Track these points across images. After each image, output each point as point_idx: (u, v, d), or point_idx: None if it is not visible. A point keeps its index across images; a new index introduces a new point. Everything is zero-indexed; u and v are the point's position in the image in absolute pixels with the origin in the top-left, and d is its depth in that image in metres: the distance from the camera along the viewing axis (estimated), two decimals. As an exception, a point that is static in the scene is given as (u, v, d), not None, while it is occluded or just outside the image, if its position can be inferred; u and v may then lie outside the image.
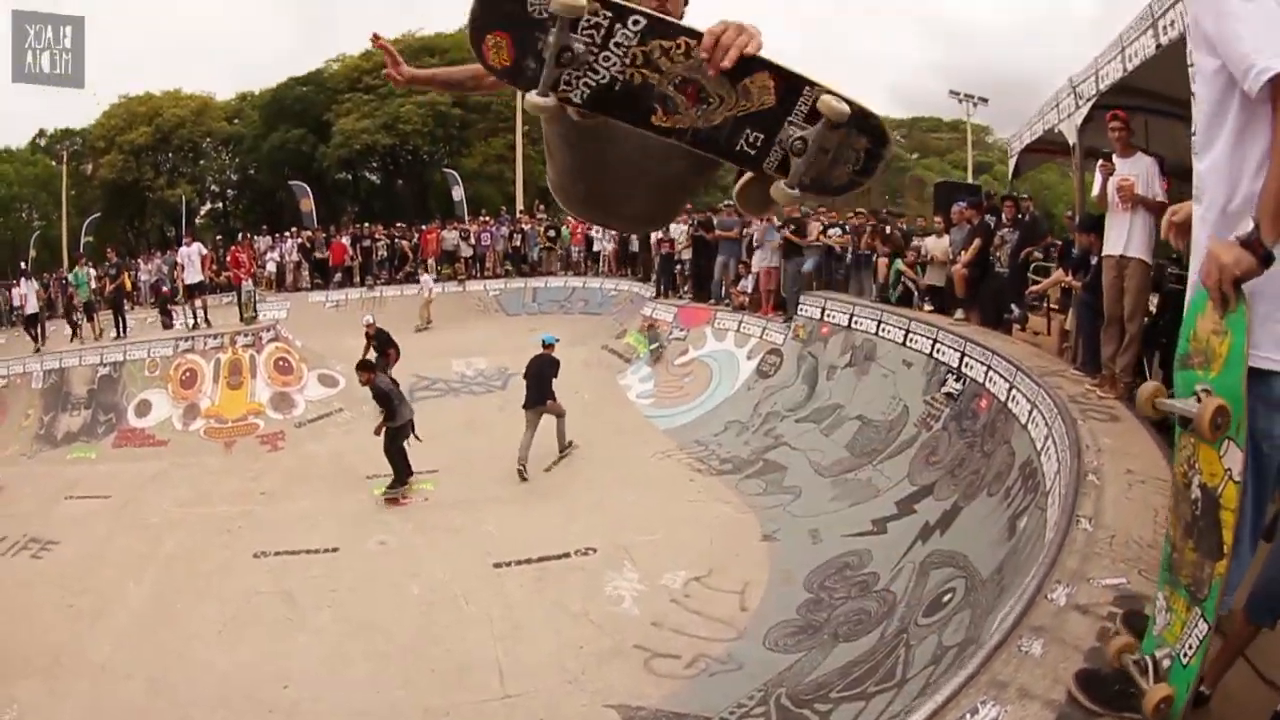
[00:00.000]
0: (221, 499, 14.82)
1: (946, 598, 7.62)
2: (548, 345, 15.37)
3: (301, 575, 11.66)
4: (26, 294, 24.70)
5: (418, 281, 27.01)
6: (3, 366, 22.00)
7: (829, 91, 2.39)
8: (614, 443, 15.79)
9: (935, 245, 14.62)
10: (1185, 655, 2.96)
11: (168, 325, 23.10)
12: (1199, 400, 2.61)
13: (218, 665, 9.59)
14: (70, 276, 26.60)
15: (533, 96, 2.38)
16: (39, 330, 24.31)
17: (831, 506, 11.37)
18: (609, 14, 2.35)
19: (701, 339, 18.86)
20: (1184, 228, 3.18)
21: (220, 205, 61.16)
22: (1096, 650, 4.29)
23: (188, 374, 19.39)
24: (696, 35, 2.37)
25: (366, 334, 18.09)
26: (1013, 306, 12.75)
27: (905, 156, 63.76)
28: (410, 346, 18.89)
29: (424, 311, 23.49)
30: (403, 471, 13.62)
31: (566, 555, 11.21)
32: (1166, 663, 3.12)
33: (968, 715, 4.04)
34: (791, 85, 2.42)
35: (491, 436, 16.24)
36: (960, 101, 44.83)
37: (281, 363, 19.76)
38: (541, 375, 14.86)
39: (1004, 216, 13.34)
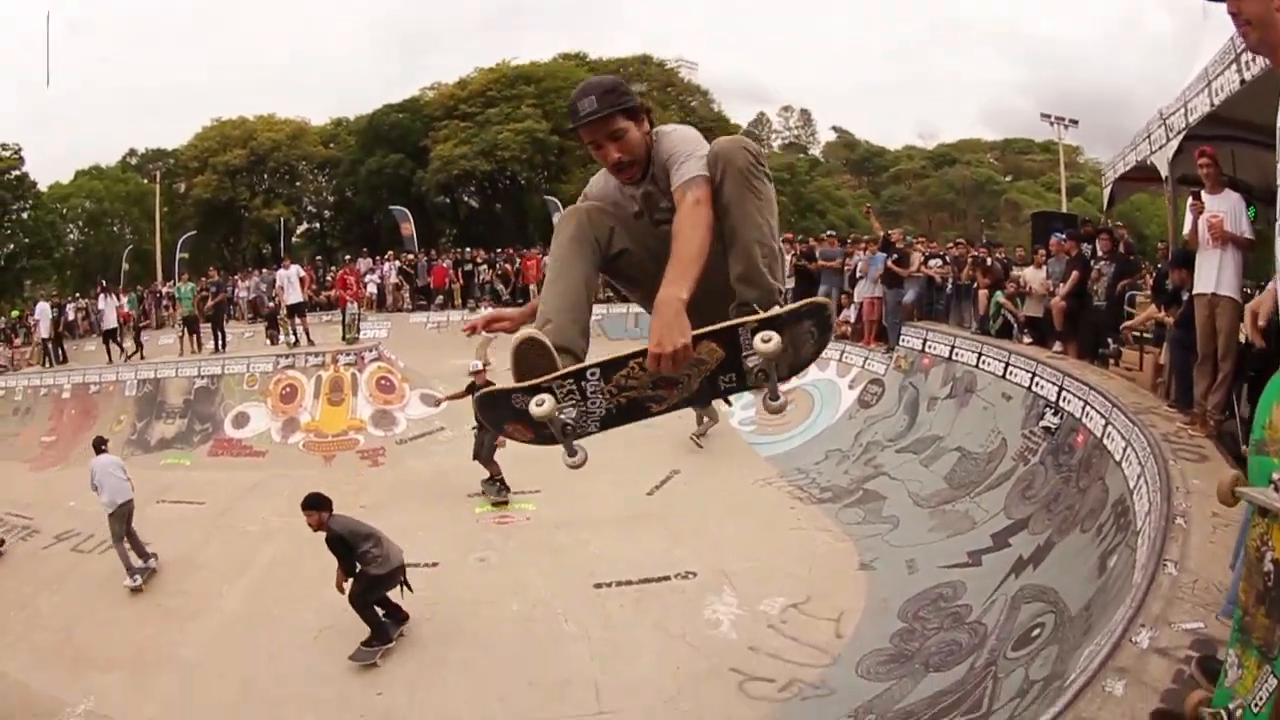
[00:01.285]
0: (322, 511, 15.00)
1: (1035, 632, 7.61)
2: None
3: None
4: (104, 310, 25.73)
5: (520, 305, 26.63)
6: (95, 374, 22.92)
7: (755, 322, 2.97)
8: (716, 469, 15.75)
9: (1033, 277, 14.55)
10: (1256, 705, 3.05)
11: (274, 340, 23.72)
12: (1278, 490, 2.66)
13: (313, 669, 9.87)
14: (175, 291, 27.57)
15: (566, 460, 3.13)
16: (119, 344, 25.59)
17: (929, 537, 11.34)
18: (569, 379, 3.05)
19: (804, 368, 18.59)
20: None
21: (317, 225, 62.52)
22: (1172, 692, 4.52)
23: (288, 389, 19.91)
24: (640, 353, 2.97)
25: (473, 384, 14.15)
26: (1109, 340, 12.66)
27: (999, 180, 63.27)
28: (504, 368, 18.92)
29: (481, 351, 22.57)
30: (381, 629, 10.24)
31: (667, 578, 11.26)
32: (1239, 713, 3.20)
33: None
34: (729, 335, 3.00)
35: (593, 458, 16.28)
36: (1051, 124, 44.19)
37: (384, 381, 20.13)
38: None
39: (1099, 249, 13.31)
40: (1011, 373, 13.17)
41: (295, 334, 22.69)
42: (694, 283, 2.95)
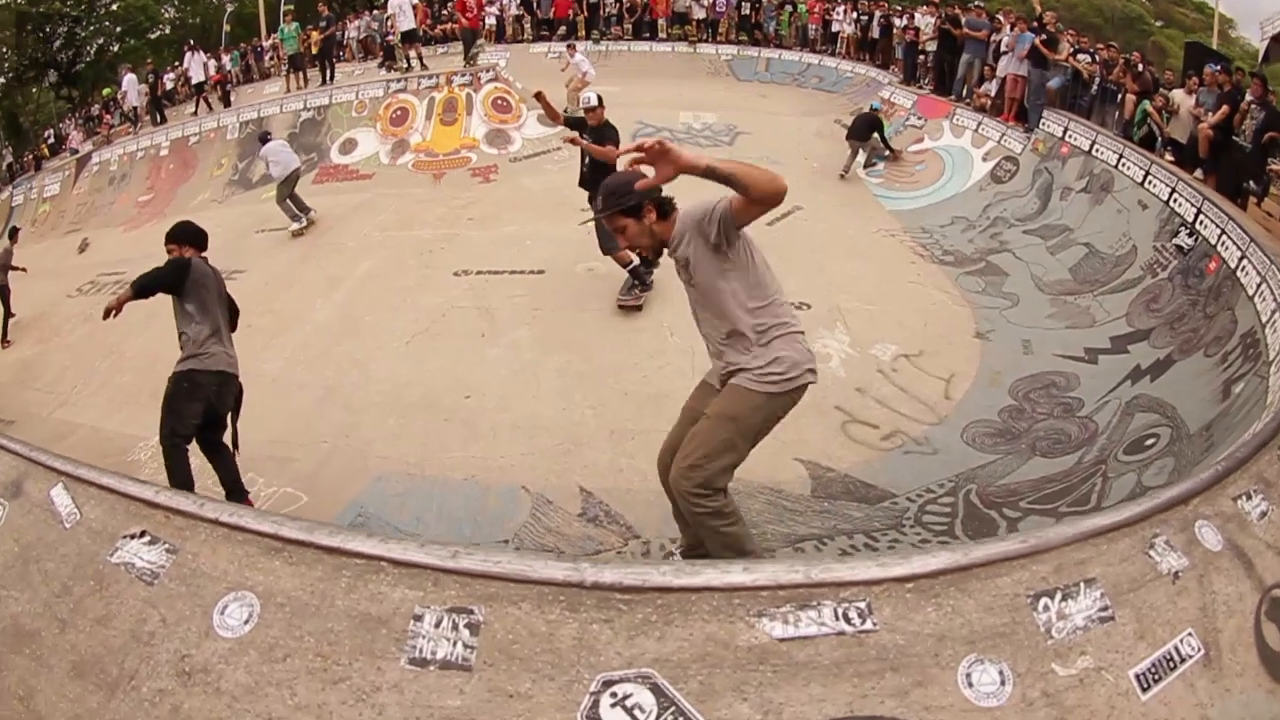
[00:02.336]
0: (426, 224, 14.86)
1: (1149, 442, 7.46)
2: (875, 109, 18.13)
3: (502, 294, 11.64)
4: (190, 66, 25.53)
5: (646, 39, 26.23)
6: (194, 125, 22.62)
7: None
8: (839, 213, 15.29)
9: (1182, 100, 13.86)
10: None
11: (391, 67, 22.90)
12: None
13: (400, 375, 9.68)
14: (279, 33, 26.79)
15: None
16: (207, 98, 25.19)
17: (1047, 323, 11.05)
18: None
19: (939, 131, 18.12)
20: None
21: (434, -30, 60.60)
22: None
23: (399, 112, 19.60)
24: None
25: (585, 119, 10.66)
26: (1250, 182, 12.17)
27: (1150, 21, 60.21)
28: (628, 96, 17.89)
29: (574, 97, 19.36)
30: (176, 461, 6.53)
31: (780, 304, 10.97)
32: None
33: (1243, 497, 4.14)
34: None
35: (714, 186, 15.96)
36: (1212, -19, 41.80)
37: (500, 102, 19.63)
38: (864, 124, 17.48)
39: (1251, 94, 12.63)
40: (1151, 183, 12.62)
41: (409, 61, 22.11)
42: (711, 172, 3.96)
